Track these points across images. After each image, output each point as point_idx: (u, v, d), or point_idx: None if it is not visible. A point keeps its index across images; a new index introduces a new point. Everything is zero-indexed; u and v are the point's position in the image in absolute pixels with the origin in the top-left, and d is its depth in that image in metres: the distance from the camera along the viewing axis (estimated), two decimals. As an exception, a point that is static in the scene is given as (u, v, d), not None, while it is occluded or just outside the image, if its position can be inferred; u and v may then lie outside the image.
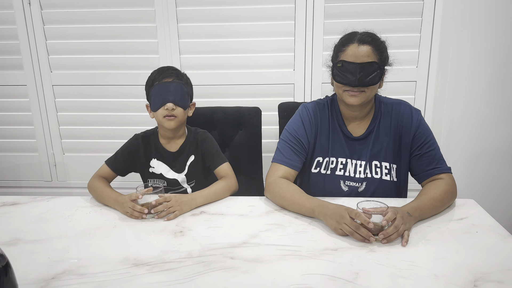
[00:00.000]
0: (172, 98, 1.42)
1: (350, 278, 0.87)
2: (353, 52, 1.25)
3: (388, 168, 1.37)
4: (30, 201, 1.36)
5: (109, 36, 2.14)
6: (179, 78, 1.46)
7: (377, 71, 1.25)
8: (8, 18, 2.14)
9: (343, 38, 1.32)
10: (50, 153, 2.33)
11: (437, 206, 1.20)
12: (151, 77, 1.48)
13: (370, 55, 1.25)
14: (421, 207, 1.16)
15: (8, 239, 1.08)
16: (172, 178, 1.52)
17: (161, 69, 1.48)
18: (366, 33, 1.29)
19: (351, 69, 1.25)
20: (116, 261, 0.96)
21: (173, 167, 1.53)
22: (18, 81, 2.23)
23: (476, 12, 1.96)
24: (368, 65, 1.24)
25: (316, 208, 1.15)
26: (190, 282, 0.87)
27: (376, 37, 1.29)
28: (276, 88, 2.14)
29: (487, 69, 2.03)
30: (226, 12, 2.06)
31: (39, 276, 0.90)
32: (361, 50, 1.25)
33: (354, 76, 1.24)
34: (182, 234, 1.10)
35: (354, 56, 1.25)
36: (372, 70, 1.24)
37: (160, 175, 1.52)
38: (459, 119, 2.11)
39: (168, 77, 1.45)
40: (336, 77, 1.29)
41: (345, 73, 1.26)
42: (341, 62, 1.27)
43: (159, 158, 1.52)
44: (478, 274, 0.88)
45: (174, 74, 1.46)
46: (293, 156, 1.37)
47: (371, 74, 1.24)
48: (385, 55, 1.30)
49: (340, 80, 1.27)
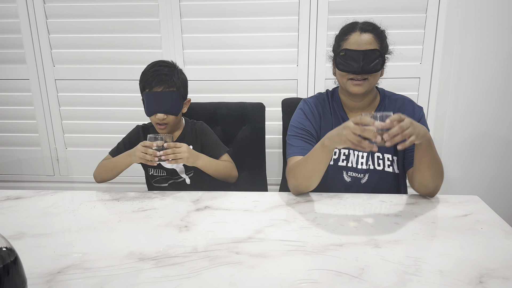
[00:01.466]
0: (162, 108, 1.43)
1: (356, 274, 0.87)
2: (355, 40, 1.28)
3: (391, 160, 1.38)
4: (34, 195, 1.36)
5: (112, 30, 2.13)
6: (170, 85, 1.44)
7: (379, 58, 1.28)
8: (11, 11, 2.13)
9: (344, 27, 1.35)
10: (52, 148, 2.33)
11: (438, 160, 1.22)
12: (143, 77, 1.47)
13: (372, 42, 1.28)
14: (433, 144, 1.20)
15: (13, 233, 1.08)
16: (171, 168, 1.55)
17: (154, 71, 1.45)
18: (367, 22, 1.33)
19: (354, 56, 1.27)
20: (122, 256, 0.96)
21: None
22: (21, 75, 2.23)
23: (481, 8, 1.95)
24: (371, 52, 1.27)
25: (324, 140, 1.18)
26: (196, 276, 0.87)
27: (376, 26, 1.33)
28: (280, 83, 2.14)
29: (491, 65, 2.03)
30: (230, 7, 2.05)
31: (45, 270, 0.90)
32: (363, 38, 1.28)
33: (358, 63, 1.26)
34: (187, 229, 1.10)
35: (357, 43, 1.28)
36: (374, 57, 1.27)
37: (159, 165, 1.54)
38: (462, 115, 2.10)
39: (159, 86, 1.43)
40: (339, 65, 1.30)
41: (349, 61, 1.28)
42: (344, 50, 1.29)
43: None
44: (484, 270, 0.88)
45: (165, 80, 1.44)
46: (305, 145, 1.37)
47: (374, 61, 1.27)
48: (385, 43, 1.33)
49: (344, 68, 1.29)
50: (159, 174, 1.56)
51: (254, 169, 1.78)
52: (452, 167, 2.17)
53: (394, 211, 1.19)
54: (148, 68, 1.49)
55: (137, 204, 1.27)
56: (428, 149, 1.19)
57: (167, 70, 1.46)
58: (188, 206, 1.26)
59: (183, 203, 1.29)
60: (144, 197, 1.34)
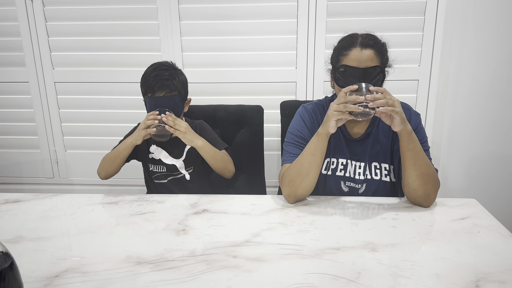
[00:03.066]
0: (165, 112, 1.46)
1: (352, 278, 0.87)
2: (356, 56, 1.24)
3: (388, 169, 1.37)
4: (33, 199, 1.36)
5: (111, 33, 2.13)
6: (171, 90, 1.48)
7: (380, 74, 1.25)
8: (11, 15, 2.14)
9: (343, 41, 1.31)
10: (52, 150, 2.33)
11: (425, 161, 1.22)
12: (145, 81, 1.50)
13: (373, 59, 1.24)
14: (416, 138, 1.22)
15: (11, 236, 1.09)
16: (171, 164, 1.57)
17: (155, 76, 1.48)
18: (368, 35, 1.28)
19: (354, 73, 1.24)
20: (119, 259, 0.96)
21: (172, 153, 1.58)
22: (20, 78, 2.23)
23: (479, 11, 1.96)
24: (371, 70, 1.23)
25: (319, 129, 1.23)
26: (193, 280, 0.87)
27: (378, 40, 1.29)
28: (278, 86, 2.14)
29: (489, 68, 2.03)
30: (229, 10, 2.06)
31: (43, 274, 0.90)
32: (364, 55, 1.24)
33: (358, 80, 1.23)
34: (185, 232, 1.10)
35: (357, 60, 1.24)
36: (375, 74, 1.24)
37: (159, 161, 1.57)
38: (461, 118, 2.11)
39: (160, 91, 1.47)
40: (338, 81, 1.27)
41: (348, 78, 1.25)
42: (343, 66, 1.26)
43: (158, 144, 1.57)
44: (480, 274, 0.88)
45: (166, 85, 1.47)
46: (300, 152, 1.35)
47: (375, 78, 1.24)
48: (386, 57, 1.30)
49: (343, 84, 1.24)
50: (159, 170, 1.58)
51: (253, 171, 1.79)
52: (451, 170, 2.18)
53: (391, 215, 1.19)
54: (149, 71, 1.50)
55: (135, 208, 1.28)
56: (409, 141, 1.19)
57: (168, 74, 1.49)
58: (186, 210, 1.26)
59: (181, 206, 1.29)
60: (142, 200, 1.34)
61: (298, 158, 1.29)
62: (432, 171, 1.24)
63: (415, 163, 1.21)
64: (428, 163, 1.23)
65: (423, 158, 1.22)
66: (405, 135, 1.19)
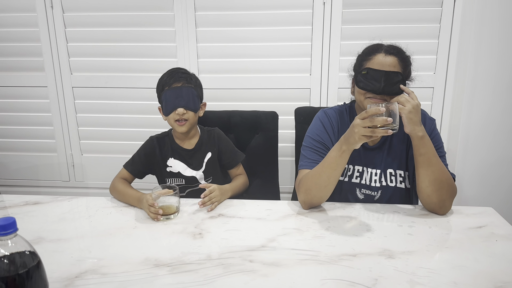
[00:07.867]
0: (183, 103, 1.46)
1: (369, 284, 0.87)
2: (379, 60, 1.26)
3: (403, 176, 1.37)
4: (52, 201, 1.39)
5: (128, 39, 2.17)
6: (188, 82, 1.49)
7: (401, 81, 1.25)
8: (31, 21, 2.19)
9: (368, 48, 1.33)
10: (68, 154, 2.37)
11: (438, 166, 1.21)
12: (161, 81, 1.51)
13: (396, 65, 1.26)
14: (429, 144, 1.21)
15: (31, 237, 1.11)
16: (191, 176, 1.56)
17: (171, 72, 1.51)
18: (392, 45, 1.30)
19: (376, 76, 1.25)
20: (137, 262, 0.97)
21: (190, 164, 1.56)
22: (39, 82, 2.28)
23: (495, 18, 1.94)
24: (393, 75, 1.24)
25: (342, 145, 1.20)
26: (210, 284, 0.88)
27: (402, 50, 1.30)
28: (293, 92, 2.15)
29: (505, 76, 2.01)
30: (244, 17, 2.08)
31: (63, 275, 0.92)
32: (387, 60, 1.26)
33: (379, 83, 1.24)
34: (201, 236, 1.11)
35: (380, 64, 1.25)
36: (396, 80, 1.24)
37: (178, 174, 1.55)
38: (476, 126, 2.09)
39: (178, 82, 1.48)
40: (360, 83, 1.28)
41: (370, 80, 1.26)
42: (366, 69, 1.27)
43: (176, 156, 1.56)
44: (498, 283, 0.88)
45: (184, 78, 1.49)
46: (319, 158, 1.34)
47: (395, 84, 1.24)
48: (409, 69, 1.31)
49: (364, 86, 1.26)
50: (177, 184, 1.57)
51: (267, 177, 1.79)
52: (466, 178, 2.15)
53: (408, 222, 1.19)
54: (165, 73, 1.53)
55: (152, 211, 1.29)
56: (420, 146, 1.19)
57: (183, 71, 1.53)
58: (202, 214, 1.27)
59: (197, 210, 1.30)
60: (159, 204, 1.35)
61: (318, 168, 1.27)
62: (447, 178, 1.23)
63: (427, 169, 1.21)
64: (442, 169, 1.22)
65: (437, 163, 1.21)
66: (416, 139, 1.19)
